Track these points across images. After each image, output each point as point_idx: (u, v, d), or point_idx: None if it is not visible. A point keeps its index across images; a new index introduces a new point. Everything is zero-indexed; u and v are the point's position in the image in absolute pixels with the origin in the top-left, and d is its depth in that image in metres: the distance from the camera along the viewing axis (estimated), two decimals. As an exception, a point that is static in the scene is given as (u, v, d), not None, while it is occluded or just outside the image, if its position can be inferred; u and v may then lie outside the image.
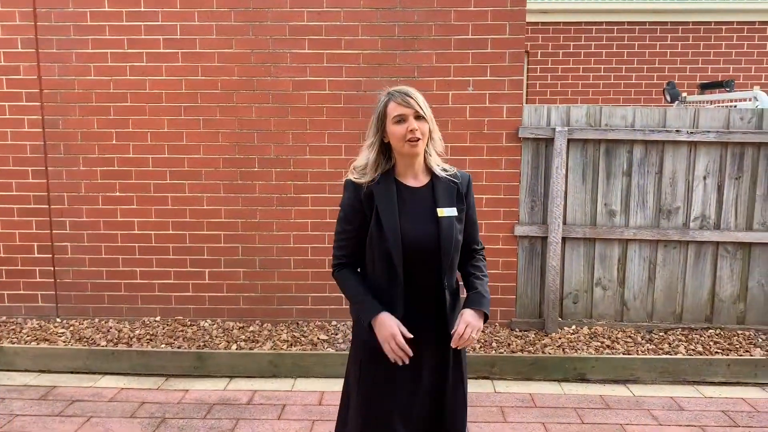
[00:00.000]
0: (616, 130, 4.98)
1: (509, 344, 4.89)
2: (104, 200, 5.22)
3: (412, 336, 2.19)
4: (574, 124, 5.04)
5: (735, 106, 6.74)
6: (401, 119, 2.20)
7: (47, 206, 5.23)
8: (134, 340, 4.95)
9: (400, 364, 2.20)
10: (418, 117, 2.21)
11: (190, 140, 5.14)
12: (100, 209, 5.23)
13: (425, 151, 2.30)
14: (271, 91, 5.07)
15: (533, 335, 5.11)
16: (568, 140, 4.99)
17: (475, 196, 2.56)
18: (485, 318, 2.32)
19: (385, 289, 2.26)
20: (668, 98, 7.69)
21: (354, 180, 2.28)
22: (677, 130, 4.95)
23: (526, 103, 5.09)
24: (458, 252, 2.33)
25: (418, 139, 2.20)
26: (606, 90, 9.30)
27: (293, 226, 5.21)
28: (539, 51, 9.29)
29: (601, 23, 9.20)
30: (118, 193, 5.21)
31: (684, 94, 7.66)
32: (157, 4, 4.99)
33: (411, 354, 2.19)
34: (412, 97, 2.21)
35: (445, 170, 2.35)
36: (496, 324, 5.26)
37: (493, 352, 4.75)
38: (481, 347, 4.83)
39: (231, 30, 5.02)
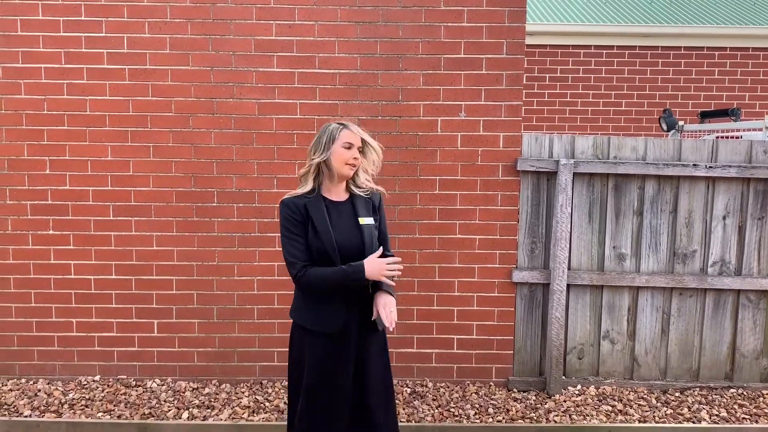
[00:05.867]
0: (626, 164, 4.39)
1: (508, 410, 4.22)
2: (35, 239, 4.46)
3: (399, 258, 2.70)
4: (579, 155, 4.44)
5: (740, 137, 6.25)
6: (350, 146, 2.66)
7: (-34, 246, 4.45)
8: (66, 406, 4.16)
9: (397, 274, 2.63)
10: (360, 151, 2.71)
11: (137, 170, 4.42)
12: (31, 250, 4.46)
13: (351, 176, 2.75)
14: (234, 114, 4.39)
15: (534, 397, 4.44)
16: (573, 174, 4.39)
17: (467, 236, 4.38)
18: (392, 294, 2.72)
19: None
20: (664, 127, 7.20)
21: (292, 197, 2.68)
22: (694, 165, 4.39)
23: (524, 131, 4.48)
24: None
25: (356, 165, 2.69)
26: (594, 117, 8.81)
27: (257, 270, 4.50)
28: (525, 75, 8.77)
29: (589, 47, 8.73)
30: (51, 232, 4.45)
31: (681, 123, 7.18)
32: (100, 12, 4.30)
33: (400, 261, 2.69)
34: (360, 132, 2.72)
35: (361, 189, 2.79)
36: (491, 384, 4.59)
37: (491, 420, 4.07)
38: (476, 414, 4.15)
39: (187, 44, 4.34)
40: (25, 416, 4.03)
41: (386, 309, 2.60)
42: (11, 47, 4.31)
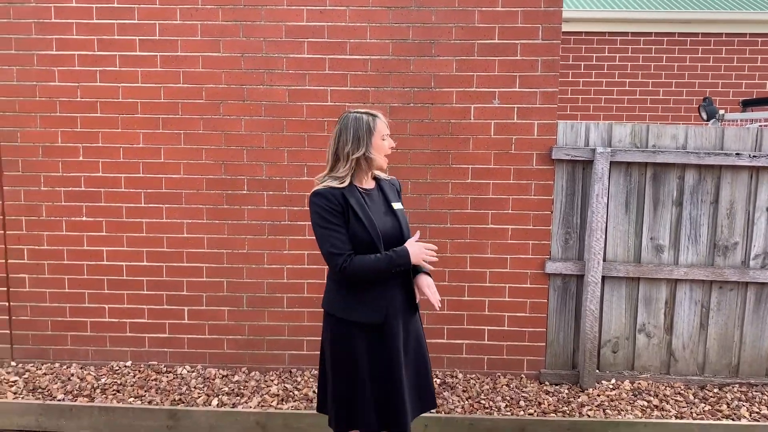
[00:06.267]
0: (665, 153, 4.25)
1: (540, 403, 4.14)
2: (69, 226, 4.50)
3: (435, 247, 2.71)
4: (616, 144, 4.32)
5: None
6: (386, 137, 2.69)
7: (2, 232, 4.51)
8: (98, 391, 4.20)
9: (435, 259, 2.69)
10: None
11: (168, 157, 4.42)
12: (64, 236, 4.50)
13: None
14: (264, 101, 4.36)
15: (567, 390, 4.36)
16: (610, 163, 4.27)
17: (500, 226, 4.39)
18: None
19: None
20: (704, 116, 6.98)
21: (327, 188, 2.58)
22: (737, 153, 4.23)
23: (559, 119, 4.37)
24: None
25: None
26: (631, 106, 8.59)
27: (287, 258, 4.48)
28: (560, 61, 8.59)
29: (626, 34, 8.51)
30: (84, 218, 4.49)
31: (722, 112, 6.95)
32: (132, -1, 4.30)
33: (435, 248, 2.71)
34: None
35: (383, 174, 2.84)
36: (523, 376, 4.51)
37: (522, 412, 4.00)
38: (506, 406, 4.08)
39: (218, 30, 4.32)
40: (59, 400, 4.08)
41: (430, 289, 2.69)
42: (45, 34, 4.34)
